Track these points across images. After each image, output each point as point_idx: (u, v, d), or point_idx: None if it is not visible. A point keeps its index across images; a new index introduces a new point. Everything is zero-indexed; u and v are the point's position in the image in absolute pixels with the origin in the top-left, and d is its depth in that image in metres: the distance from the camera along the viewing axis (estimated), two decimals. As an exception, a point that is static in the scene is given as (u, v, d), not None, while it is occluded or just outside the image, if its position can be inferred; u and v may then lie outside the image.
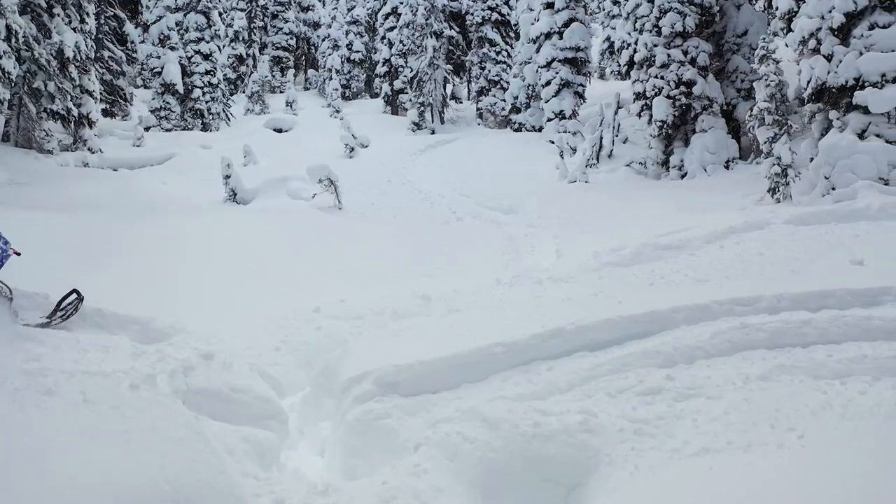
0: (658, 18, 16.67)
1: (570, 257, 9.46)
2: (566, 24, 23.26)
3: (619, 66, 17.76)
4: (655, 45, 16.60)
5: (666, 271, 7.28)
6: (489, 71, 28.71)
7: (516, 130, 25.61)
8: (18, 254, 5.52)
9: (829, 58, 10.67)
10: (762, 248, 7.52)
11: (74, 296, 6.16)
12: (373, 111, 33.35)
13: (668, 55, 16.44)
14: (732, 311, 5.65)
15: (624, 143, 20.24)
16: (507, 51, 29.11)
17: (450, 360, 5.10)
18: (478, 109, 28.96)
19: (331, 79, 34.70)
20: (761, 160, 15.28)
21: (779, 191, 10.69)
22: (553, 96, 23.13)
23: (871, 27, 10.41)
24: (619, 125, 19.98)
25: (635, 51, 17.10)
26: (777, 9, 12.05)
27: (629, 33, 17.35)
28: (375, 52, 39.73)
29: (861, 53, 10.30)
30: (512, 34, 29.75)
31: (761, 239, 8.05)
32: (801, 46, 11.06)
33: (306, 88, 45.23)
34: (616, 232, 10.36)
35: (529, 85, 25.69)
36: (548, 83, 23.27)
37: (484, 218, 14.79)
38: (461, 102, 32.49)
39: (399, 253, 11.02)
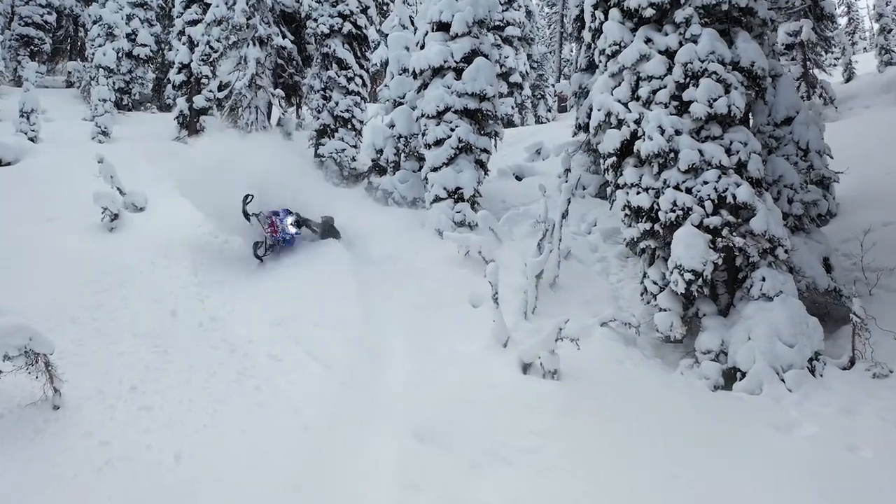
0: (682, 87, 9.57)
1: None
2: (468, 59, 15.62)
3: (600, 151, 10.43)
4: (678, 133, 9.49)
5: None
6: (337, 103, 20.25)
7: (382, 202, 17.44)
8: None
9: None
10: None
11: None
12: (160, 136, 23.23)
13: (701, 153, 9.41)
14: None
15: (566, 258, 13.04)
16: (362, 77, 20.82)
17: None
18: (317, 155, 20.35)
19: (98, 82, 24.01)
20: (879, 368, 8.70)
21: None
22: (445, 164, 15.30)
23: None
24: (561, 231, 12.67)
25: (636, 135, 9.86)
26: None
27: (624, 103, 10.08)
28: (170, 50, 29.39)
29: None
30: (372, 56, 21.54)
31: None
32: None
33: (69, 84, 33.23)
34: None
35: (401, 136, 17.70)
36: (438, 142, 15.40)
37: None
38: (291, 138, 23.53)
39: None
